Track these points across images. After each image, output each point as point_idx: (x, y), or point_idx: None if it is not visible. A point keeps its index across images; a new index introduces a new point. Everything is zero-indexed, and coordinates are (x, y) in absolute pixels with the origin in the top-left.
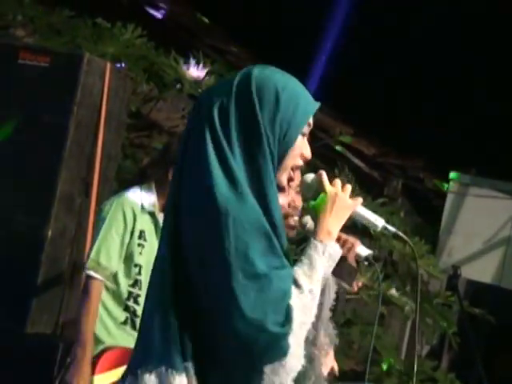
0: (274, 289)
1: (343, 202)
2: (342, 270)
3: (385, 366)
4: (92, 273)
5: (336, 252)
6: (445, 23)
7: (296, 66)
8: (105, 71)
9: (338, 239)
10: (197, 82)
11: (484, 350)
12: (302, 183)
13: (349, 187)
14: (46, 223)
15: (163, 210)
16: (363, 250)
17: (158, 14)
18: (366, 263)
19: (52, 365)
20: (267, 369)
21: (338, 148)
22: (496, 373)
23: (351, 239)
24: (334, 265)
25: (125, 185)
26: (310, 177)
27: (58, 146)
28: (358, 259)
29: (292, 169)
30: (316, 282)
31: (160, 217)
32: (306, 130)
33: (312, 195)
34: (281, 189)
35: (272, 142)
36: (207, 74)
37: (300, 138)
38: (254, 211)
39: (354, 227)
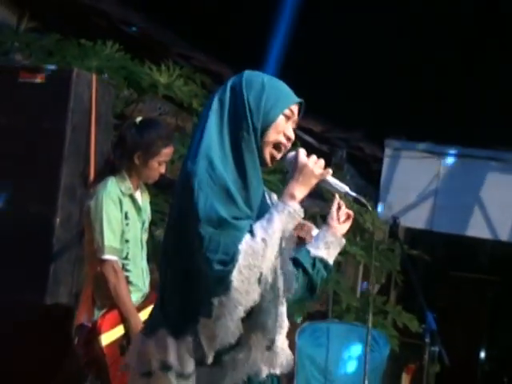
0: (228, 234)
1: (311, 171)
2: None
3: (344, 305)
4: (111, 257)
5: (296, 211)
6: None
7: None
8: (91, 82)
9: (302, 226)
10: (169, 85)
11: (423, 284)
12: (285, 160)
13: (321, 161)
14: (54, 211)
15: (137, 187)
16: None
17: (132, 31)
18: None
19: (69, 330)
20: (215, 301)
21: None
22: (434, 302)
23: (308, 224)
24: (292, 221)
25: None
26: (291, 154)
27: (58, 147)
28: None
29: (275, 146)
30: (271, 234)
31: (137, 195)
32: (290, 114)
33: (292, 170)
34: (264, 163)
35: (256, 119)
36: (177, 77)
37: (282, 117)
38: (221, 174)
39: None
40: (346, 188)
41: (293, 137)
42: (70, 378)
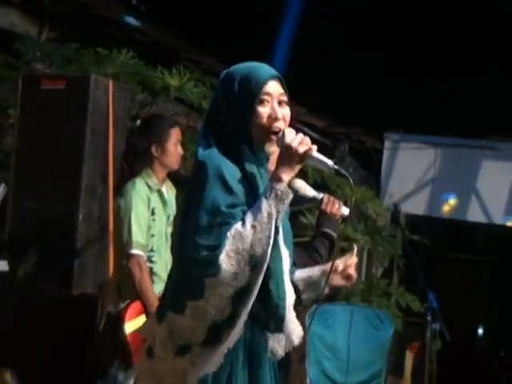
0: (222, 222)
1: (295, 151)
2: (332, 224)
3: (350, 288)
4: (137, 251)
5: (284, 192)
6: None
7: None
8: (108, 87)
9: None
10: (180, 88)
11: (423, 266)
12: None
13: (306, 138)
14: (76, 209)
15: (163, 182)
16: (345, 210)
17: (144, 39)
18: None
19: (95, 317)
20: (207, 281)
21: (296, 124)
22: (435, 283)
23: (338, 202)
24: (282, 203)
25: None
26: (279, 136)
27: (79, 149)
28: (342, 216)
29: (267, 131)
30: (260, 219)
31: (163, 189)
32: (267, 97)
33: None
34: (261, 149)
35: (234, 115)
36: (187, 80)
37: (258, 105)
38: (218, 163)
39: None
40: (330, 162)
41: (280, 115)
42: (96, 363)
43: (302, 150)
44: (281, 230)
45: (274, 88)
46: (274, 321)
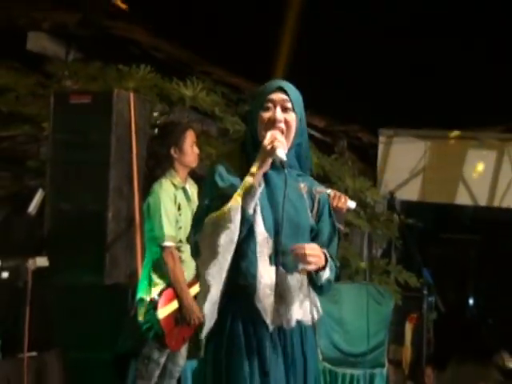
0: (201, 214)
1: (263, 147)
2: (339, 217)
3: (353, 268)
4: (169, 243)
5: (246, 181)
6: None
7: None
8: (130, 99)
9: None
10: (194, 97)
11: (418, 246)
12: None
13: (268, 134)
14: (106, 208)
15: (185, 180)
16: (352, 204)
17: (160, 55)
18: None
19: (126, 304)
20: (198, 261)
21: None
22: (429, 261)
23: (344, 196)
24: (248, 191)
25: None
26: None
27: (106, 155)
28: (349, 210)
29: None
30: (229, 206)
31: (187, 186)
32: (269, 105)
33: None
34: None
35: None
36: (200, 90)
37: (262, 111)
38: (214, 168)
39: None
40: (284, 158)
41: (278, 117)
42: (133, 341)
43: (268, 146)
44: (259, 217)
45: (277, 96)
46: (246, 298)
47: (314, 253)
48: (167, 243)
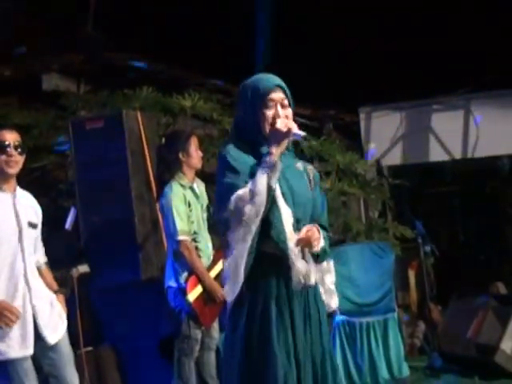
0: (225, 187)
1: (277, 129)
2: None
3: (355, 231)
4: (183, 237)
5: (270, 161)
6: None
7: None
8: (138, 117)
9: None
10: (193, 107)
11: (408, 203)
12: None
13: (290, 122)
14: (132, 214)
15: (193, 180)
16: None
17: (159, 76)
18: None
19: (162, 294)
20: (227, 236)
21: None
22: (418, 214)
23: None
24: (268, 167)
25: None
26: None
27: (124, 168)
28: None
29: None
30: (255, 183)
31: (194, 186)
32: (270, 104)
33: None
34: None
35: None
36: (198, 100)
37: (264, 110)
38: (225, 154)
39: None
40: (303, 133)
41: (281, 115)
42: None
43: (284, 129)
44: (279, 191)
45: (276, 95)
46: (279, 263)
47: (315, 236)
48: (181, 237)
